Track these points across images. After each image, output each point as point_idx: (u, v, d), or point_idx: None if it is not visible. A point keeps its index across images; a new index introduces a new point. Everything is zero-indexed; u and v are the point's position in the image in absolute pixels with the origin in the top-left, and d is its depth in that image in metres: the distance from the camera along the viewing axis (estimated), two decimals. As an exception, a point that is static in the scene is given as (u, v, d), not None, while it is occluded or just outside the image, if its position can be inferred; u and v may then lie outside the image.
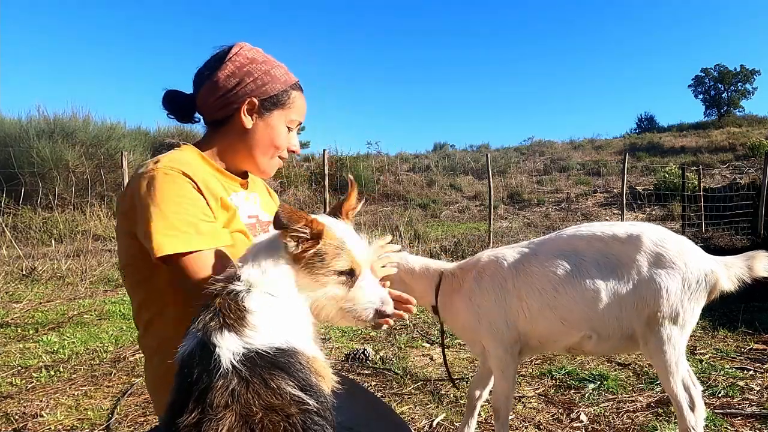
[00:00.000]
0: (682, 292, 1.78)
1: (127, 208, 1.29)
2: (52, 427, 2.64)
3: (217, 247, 1.24)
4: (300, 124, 1.52)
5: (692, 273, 1.80)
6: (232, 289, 0.98)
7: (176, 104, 1.46)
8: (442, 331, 2.35)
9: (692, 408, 1.81)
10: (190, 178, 1.26)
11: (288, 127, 1.47)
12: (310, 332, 1.05)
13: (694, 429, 1.80)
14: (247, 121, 1.40)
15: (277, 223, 1.01)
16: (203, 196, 1.28)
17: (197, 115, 1.49)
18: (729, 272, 1.86)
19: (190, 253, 1.20)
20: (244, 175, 1.52)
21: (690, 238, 1.96)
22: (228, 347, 0.90)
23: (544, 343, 2.00)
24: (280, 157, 1.51)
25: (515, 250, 2.04)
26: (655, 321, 1.78)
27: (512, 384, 1.99)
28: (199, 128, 1.58)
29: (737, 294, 1.90)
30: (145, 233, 1.22)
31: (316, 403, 0.90)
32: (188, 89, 1.46)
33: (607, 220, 13.84)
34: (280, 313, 0.99)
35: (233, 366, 0.87)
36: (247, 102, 1.39)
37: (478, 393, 2.26)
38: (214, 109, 1.41)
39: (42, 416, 2.76)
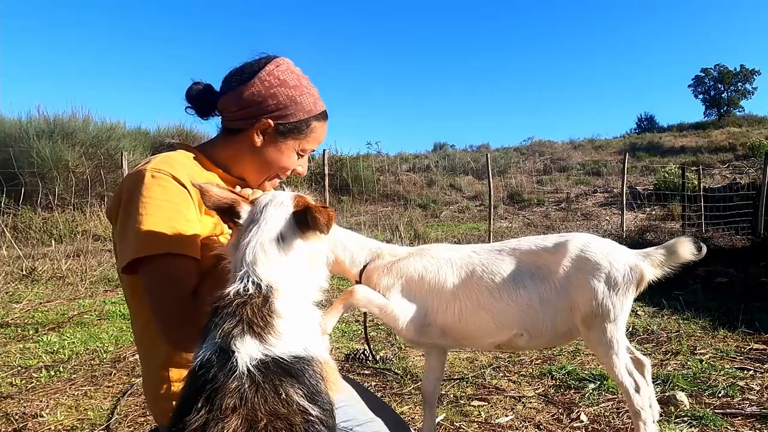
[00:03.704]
0: (610, 289, 1.90)
1: (111, 205, 1.30)
2: (52, 427, 2.65)
3: (193, 256, 1.22)
4: (313, 151, 1.52)
5: (617, 270, 1.91)
6: (259, 293, 0.97)
7: (199, 100, 1.44)
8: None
9: (638, 390, 1.95)
10: (179, 182, 1.24)
11: (299, 154, 1.48)
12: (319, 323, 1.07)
13: (642, 409, 1.94)
14: (258, 140, 1.39)
15: (306, 213, 1.07)
16: (192, 200, 1.26)
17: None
18: (651, 261, 1.98)
19: (164, 255, 1.17)
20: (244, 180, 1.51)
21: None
22: (247, 352, 0.90)
23: (471, 339, 2.03)
24: (279, 177, 1.52)
25: (460, 253, 2.05)
26: (590, 320, 1.91)
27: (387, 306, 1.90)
28: (200, 128, 1.58)
29: (737, 294, 1.90)
30: (121, 234, 1.21)
31: (321, 412, 0.91)
32: (184, 89, 1.45)
33: (607, 220, 13.84)
34: (304, 311, 1.02)
35: (248, 370, 0.88)
36: (262, 122, 1.36)
37: (432, 388, 2.20)
38: (232, 119, 1.40)
39: (42, 416, 2.76)
